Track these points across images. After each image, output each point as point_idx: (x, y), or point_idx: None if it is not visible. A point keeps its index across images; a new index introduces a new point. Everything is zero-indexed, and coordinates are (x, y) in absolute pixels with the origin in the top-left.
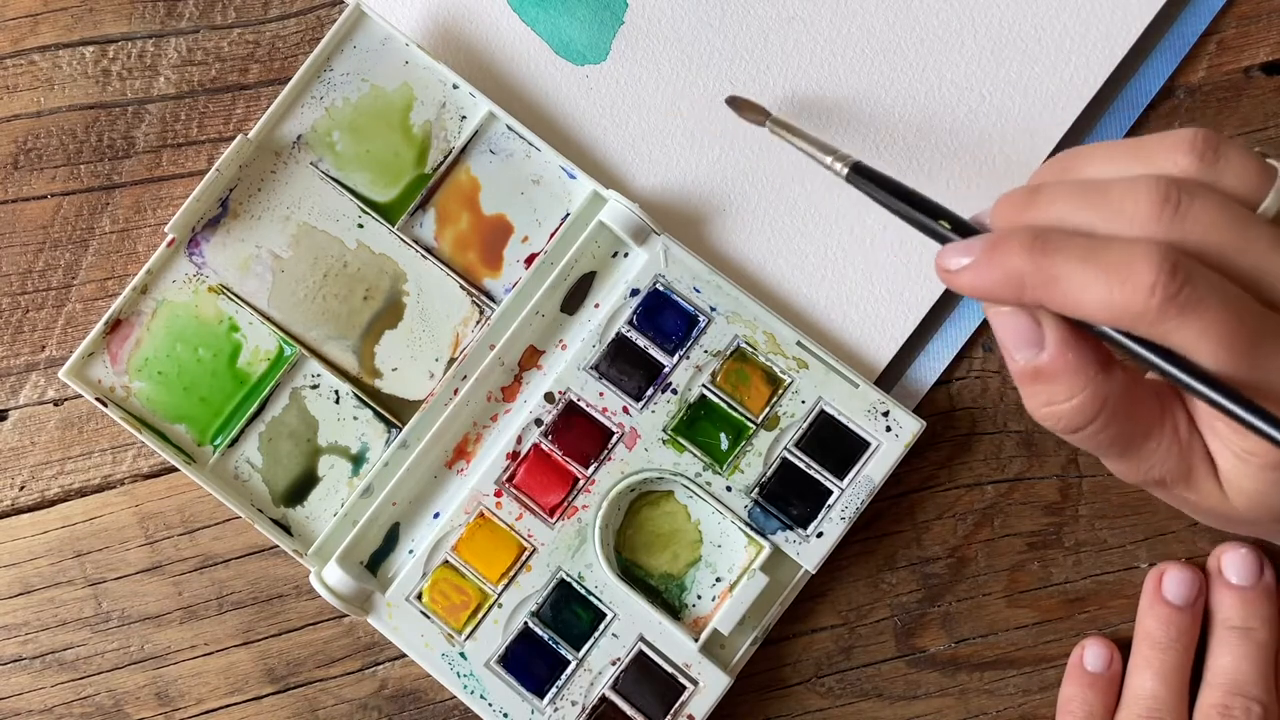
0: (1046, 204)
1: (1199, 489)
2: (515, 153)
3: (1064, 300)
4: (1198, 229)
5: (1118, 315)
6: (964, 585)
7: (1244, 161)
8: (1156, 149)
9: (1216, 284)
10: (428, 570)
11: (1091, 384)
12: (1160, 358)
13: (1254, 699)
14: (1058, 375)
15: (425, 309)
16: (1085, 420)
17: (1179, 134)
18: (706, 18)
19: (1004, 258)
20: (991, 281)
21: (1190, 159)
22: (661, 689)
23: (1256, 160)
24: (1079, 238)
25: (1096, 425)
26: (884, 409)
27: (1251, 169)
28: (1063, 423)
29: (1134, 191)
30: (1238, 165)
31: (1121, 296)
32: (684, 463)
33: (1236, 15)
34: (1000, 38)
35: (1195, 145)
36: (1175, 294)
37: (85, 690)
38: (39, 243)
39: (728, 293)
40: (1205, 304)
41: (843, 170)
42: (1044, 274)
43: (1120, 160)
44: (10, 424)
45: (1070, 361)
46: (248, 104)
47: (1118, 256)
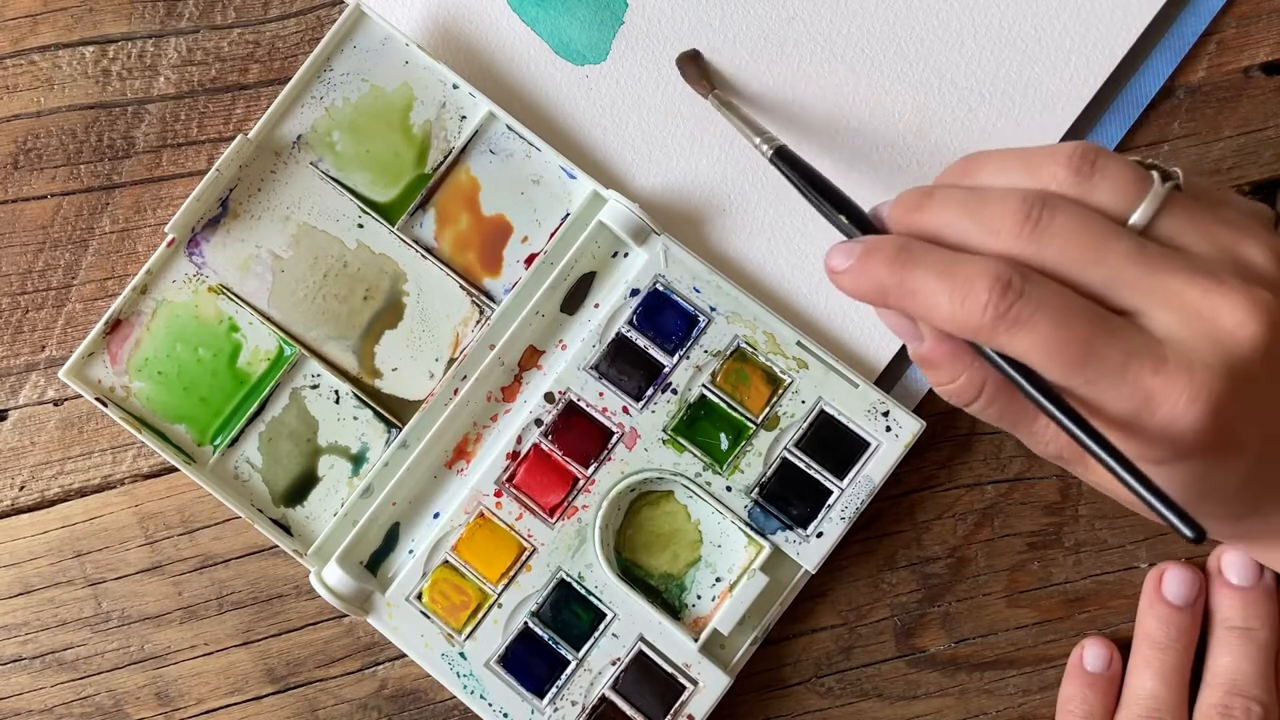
0: (932, 210)
1: (1092, 468)
2: (515, 153)
3: (918, 312)
4: (1054, 244)
5: (960, 328)
6: (964, 585)
7: (1120, 174)
8: (1041, 161)
9: (1051, 298)
10: (428, 570)
11: (968, 370)
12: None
13: (1254, 699)
14: (938, 362)
15: (425, 309)
16: (969, 398)
17: (1062, 147)
18: (706, 18)
19: (871, 268)
20: (862, 288)
21: (1066, 172)
22: (661, 689)
23: (1133, 172)
24: (939, 252)
25: (981, 402)
26: (884, 409)
27: (1126, 181)
28: (951, 399)
29: (1003, 206)
30: (1113, 178)
31: (962, 312)
32: (684, 463)
33: (1236, 15)
34: (1000, 38)
35: (1073, 159)
36: (1005, 311)
37: (85, 690)
38: (39, 243)
39: (728, 293)
40: (1034, 320)
41: (767, 152)
42: (903, 286)
43: (1011, 170)
44: (10, 424)
45: (946, 351)
46: (248, 104)
47: (964, 273)
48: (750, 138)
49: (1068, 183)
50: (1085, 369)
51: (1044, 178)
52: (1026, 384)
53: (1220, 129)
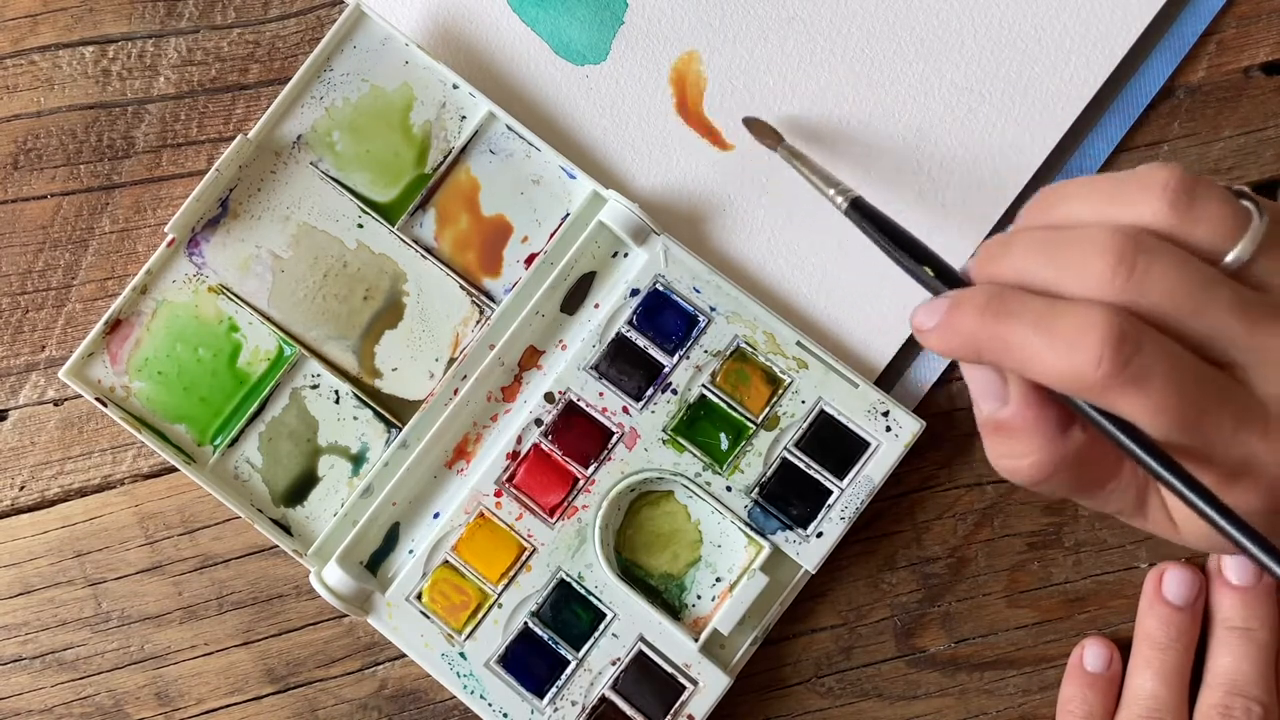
0: (1012, 256)
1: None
2: (515, 153)
3: (1016, 365)
4: (1154, 292)
5: (1066, 383)
6: (964, 585)
7: (1218, 208)
8: (1131, 191)
9: (1164, 354)
10: (428, 570)
11: (1049, 445)
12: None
13: (1254, 699)
14: (1017, 431)
15: (425, 309)
16: (1039, 478)
17: (1155, 176)
18: (706, 18)
19: (961, 322)
20: (953, 345)
21: (1163, 205)
22: (661, 689)
23: (1231, 206)
24: (1034, 301)
25: (1051, 483)
26: (884, 409)
27: (1225, 216)
28: (1018, 477)
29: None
30: (1211, 213)
31: (1069, 366)
32: (684, 463)
33: (1236, 15)
34: (1000, 38)
35: (1168, 190)
36: (1121, 368)
37: (85, 690)
38: (39, 243)
39: (728, 293)
40: (1150, 377)
41: (842, 205)
42: (997, 340)
43: (1095, 201)
44: (10, 424)
45: (1030, 420)
46: (248, 104)
47: (1067, 324)
48: (823, 190)
49: (1164, 217)
50: (1199, 431)
51: (1138, 209)
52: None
53: (1220, 129)
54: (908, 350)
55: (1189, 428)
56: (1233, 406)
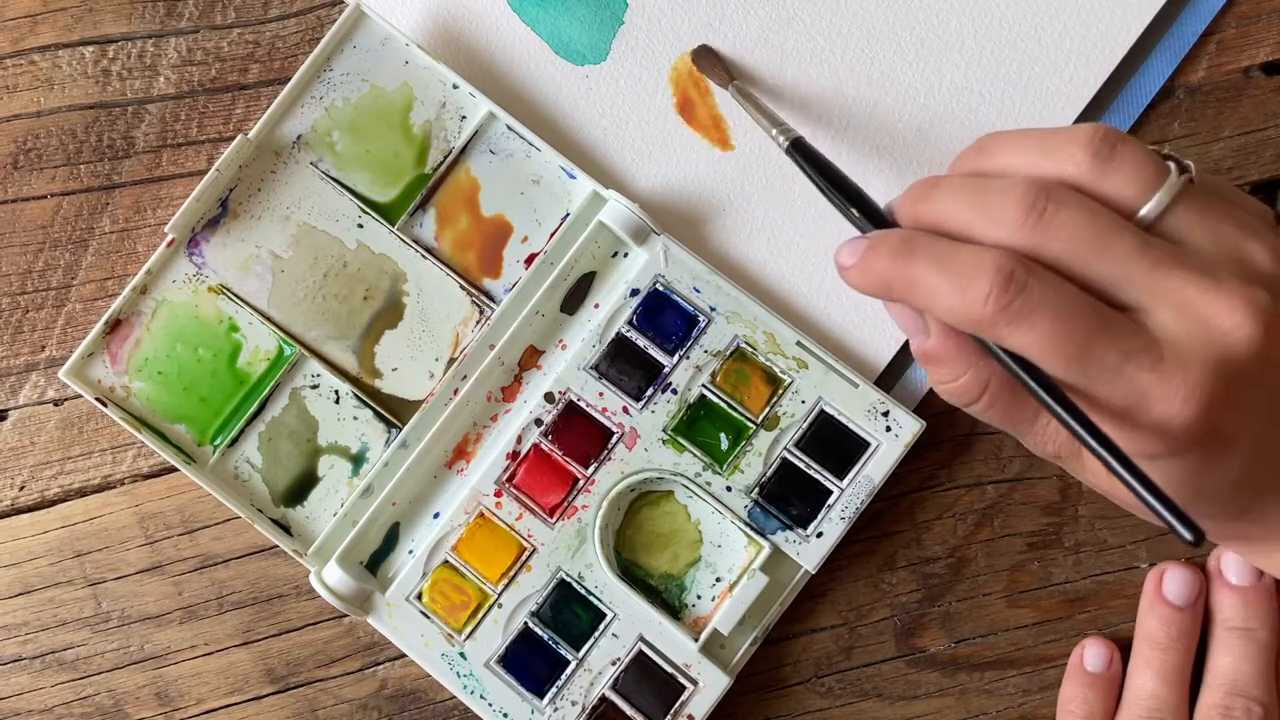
0: (937, 199)
1: (1089, 468)
2: (515, 153)
3: (920, 303)
4: (1060, 236)
5: (960, 320)
6: (964, 585)
7: (1137, 162)
8: (1059, 143)
9: (1053, 293)
10: (428, 570)
11: (973, 368)
12: (1008, 359)
13: (1254, 699)
14: (942, 359)
15: (425, 309)
16: (971, 397)
17: (1081, 129)
18: (706, 18)
19: (874, 262)
20: (867, 282)
21: (1085, 154)
22: (661, 689)
23: (1151, 160)
24: (941, 243)
25: (983, 402)
26: (884, 409)
27: (1144, 171)
28: (953, 399)
29: (1007, 196)
30: (1131, 165)
31: (962, 304)
32: (684, 463)
33: (1236, 15)
34: (1000, 38)
35: (1092, 142)
36: (1007, 304)
37: (85, 690)
38: (39, 243)
39: (728, 293)
40: (1036, 313)
41: (784, 143)
42: (904, 279)
43: (1027, 151)
44: (10, 424)
45: (950, 348)
46: (248, 104)
47: (965, 265)
48: (767, 129)
49: (1085, 166)
50: (1085, 365)
51: (1061, 160)
52: (1027, 378)
53: (1220, 129)
54: (908, 350)
55: (1074, 361)
56: (1122, 342)
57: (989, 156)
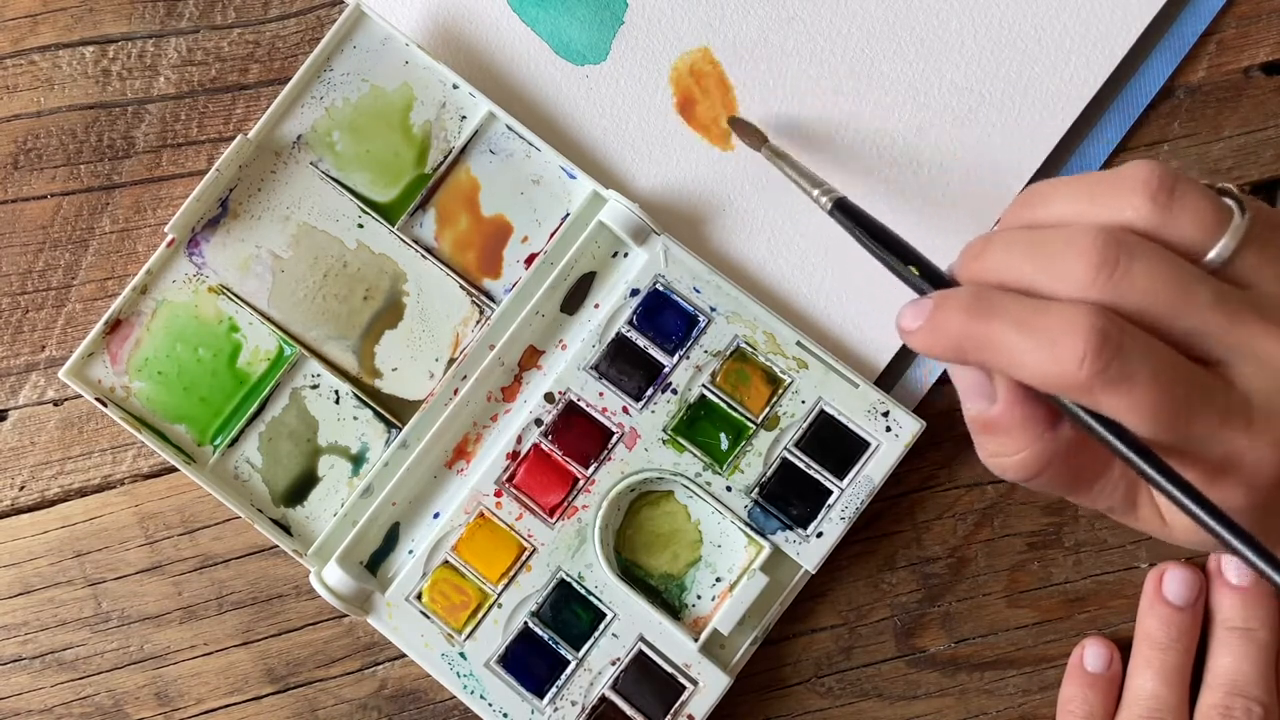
0: (995, 256)
1: (1142, 518)
2: (515, 153)
3: (1000, 365)
4: (1136, 291)
5: (1050, 383)
6: (964, 585)
7: (1199, 206)
8: (1113, 191)
9: (1148, 353)
10: (428, 570)
11: (1038, 442)
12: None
13: (1254, 699)
14: (1006, 429)
15: (425, 309)
16: (1029, 474)
17: (1136, 174)
18: (706, 18)
19: (945, 322)
20: (937, 345)
21: (1144, 202)
22: (661, 689)
23: (1212, 203)
24: (1017, 301)
25: (1041, 480)
26: (884, 409)
27: (1207, 213)
28: (1009, 474)
29: (1074, 249)
30: (1193, 210)
31: (1054, 367)
32: (684, 463)
33: (1236, 15)
34: (1000, 38)
35: (1150, 188)
36: (1104, 368)
37: (85, 690)
38: (39, 243)
39: (728, 293)
40: (1134, 377)
41: (827, 205)
42: (982, 340)
43: (1077, 200)
44: (10, 424)
45: (1018, 417)
46: (248, 104)
47: (1050, 324)
48: (808, 190)
49: (1145, 214)
50: (1184, 429)
51: (1120, 208)
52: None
53: (1220, 129)
54: (908, 350)
55: (1174, 426)
56: (1217, 404)
57: (1039, 207)
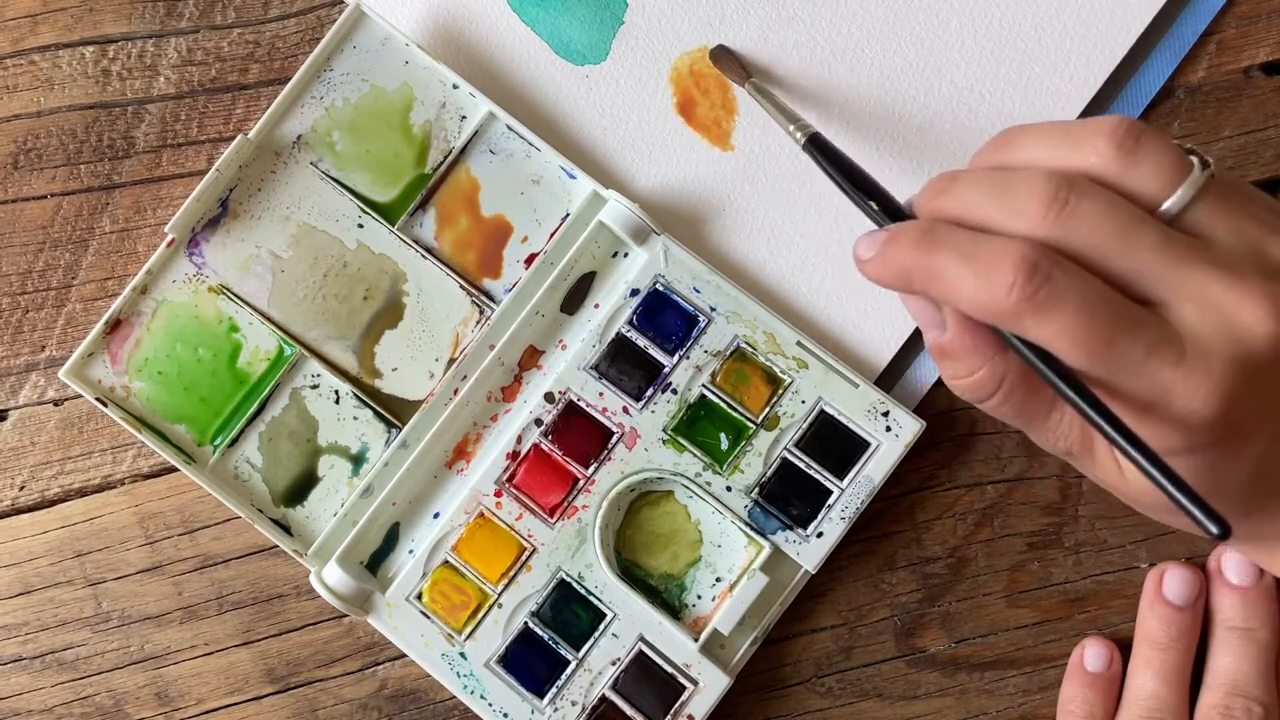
0: (957, 192)
1: (1100, 464)
2: (515, 153)
3: (942, 294)
4: (1082, 229)
5: (983, 311)
6: (964, 585)
7: (1161, 156)
8: (1083, 136)
9: (1078, 284)
10: (428, 570)
11: (989, 363)
12: (1029, 351)
13: (1255, 699)
14: (958, 354)
15: (425, 309)
16: (986, 393)
17: (1105, 121)
18: (706, 18)
19: (895, 253)
20: (886, 274)
21: (1110, 149)
22: (661, 689)
23: (1175, 155)
24: (964, 234)
25: (997, 398)
26: (884, 409)
27: (1167, 164)
28: (966, 394)
29: (1029, 188)
30: (1155, 160)
31: (985, 294)
32: (684, 463)
33: (1236, 15)
34: (1000, 38)
35: (1116, 135)
36: (1032, 294)
37: (85, 690)
38: (39, 243)
39: (728, 293)
40: (1060, 305)
41: (801, 139)
42: (926, 270)
43: (1052, 143)
44: (10, 424)
45: (968, 342)
46: (248, 104)
47: (988, 255)
48: (784, 125)
49: (1109, 158)
50: (1108, 358)
51: (1084, 152)
52: (1048, 370)
53: (1220, 129)
54: (908, 350)
55: (1098, 354)
56: (1145, 336)
57: (1010, 150)
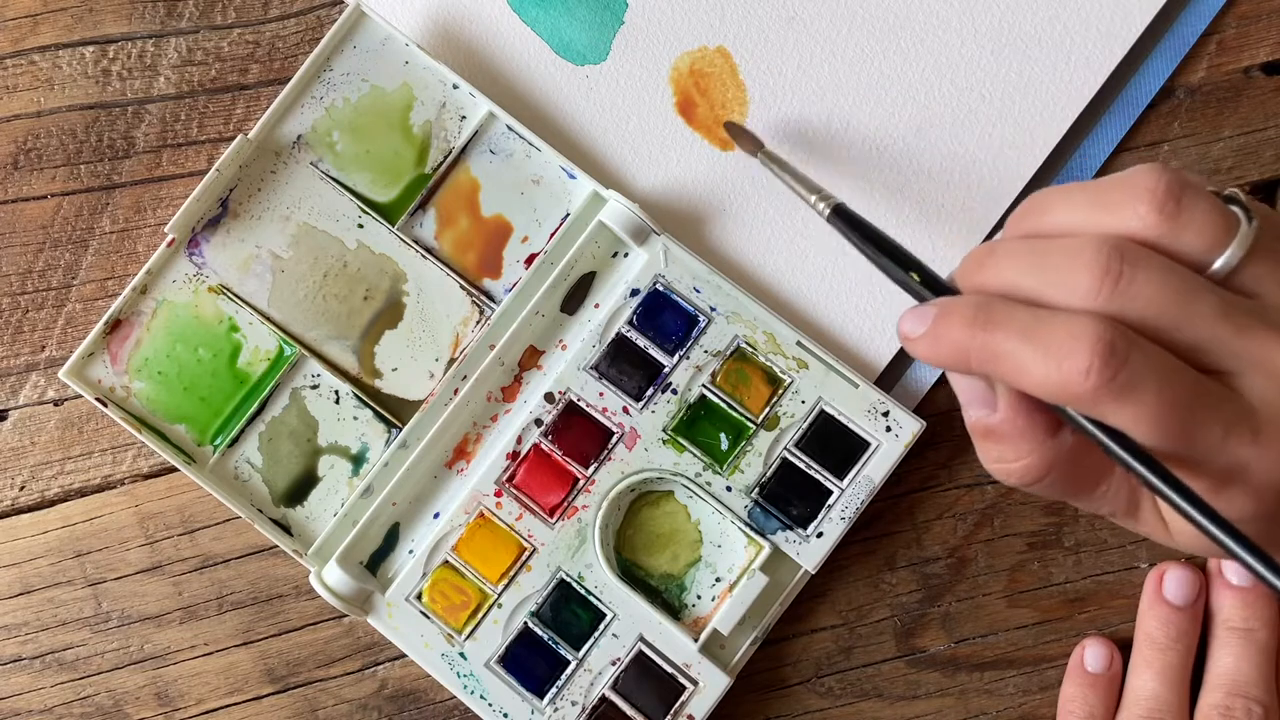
0: (998, 266)
1: (1144, 522)
2: (515, 153)
3: (1005, 376)
4: (1139, 301)
5: (1055, 394)
6: (964, 585)
7: (1206, 214)
8: (1118, 198)
9: (1153, 363)
10: (428, 570)
11: (1039, 449)
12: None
13: (1255, 700)
14: (1007, 437)
15: (425, 309)
16: (1031, 480)
17: (1142, 182)
18: (706, 18)
19: (949, 331)
20: (940, 353)
21: (1150, 211)
22: (661, 689)
23: (1219, 211)
24: (1021, 311)
25: (1043, 485)
26: (884, 409)
27: (1213, 222)
28: (1011, 480)
29: (1078, 260)
30: (1199, 219)
31: (1058, 378)
32: (684, 463)
33: (1236, 15)
34: (1000, 38)
35: (1156, 196)
36: (1110, 379)
37: (85, 690)
38: (39, 243)
39: (728, 293)
40: (1139, 387)
41: (824, 211)
42: (986, 350)
43: (1082, 208)
44: (10, 424)
45: (1019, 426)
46: (248, 104)
47: (1055, 334)
48: (805, 197)
49: (1151, 224)
50: (1190, 440)
51: (1124, 217)
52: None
53: (1220, 129)
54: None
55: (1179, 436)
56: (1223, 414)
57: (1043, 216)
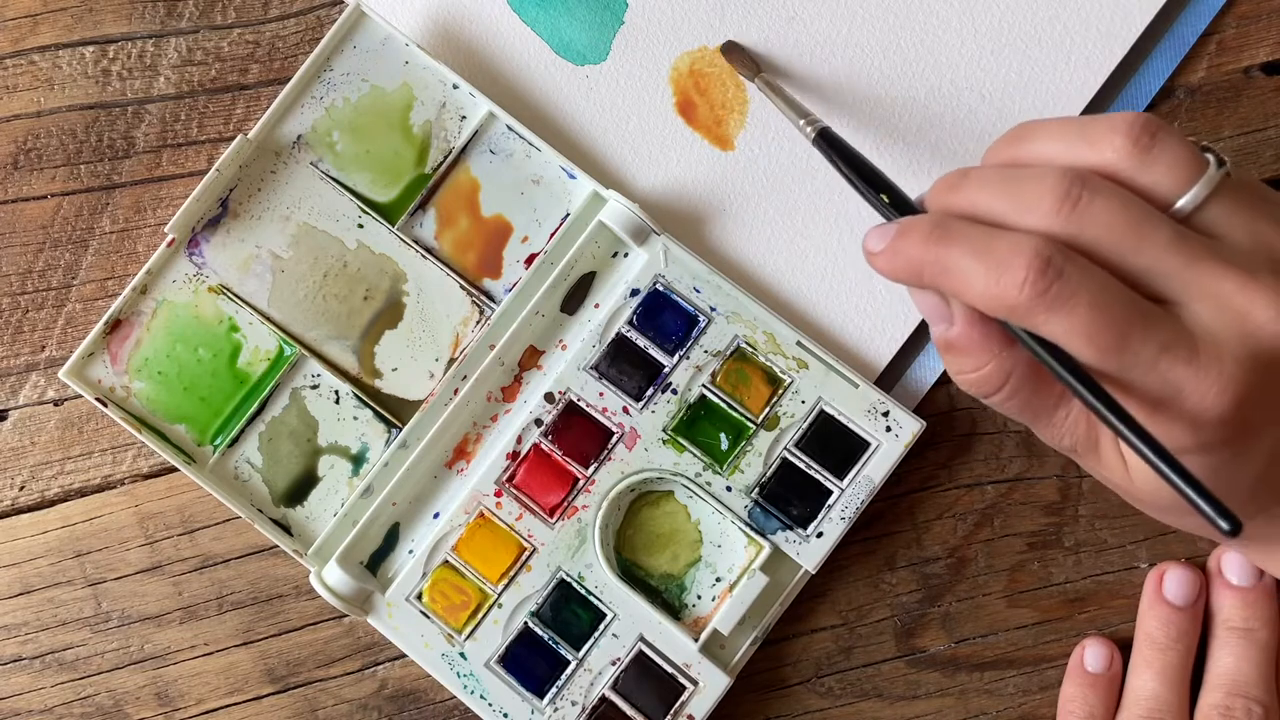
0: (969, 189)
1: (1105, 462)
2: (515, 153)
3: (953, 289)
4: (1094, 226)
5: (995, 306)
6: (964, 585)
7: (1177, 153)
8: (1099, 132)
9: (1089, 280)
10: (428, 570)
11: (996, 358)
12: (1039, 347)
13: (1255, 699)
14: (965, 348)
15: (425, 309)
16: (992, 388)
17: (1122, 117)
18: (706, 18)
19: (905, 246)
20: (896, 267)
21: (1125, 144)
22: (661, 689)
23: (1190, 152)
24: (976, 229)
25: (1003, 394)
26: (884, 409)
27: (1183, 162)
28: (972, 389)
29: (1041, 184)
30: (1170, 157)
31: (997, 289)
32: (684, 463)
33: (1236, 15)
34: (1000, 38)
35: (1133, 131)
36: (1044, 290)
37: (85, 690)
38: (39, 243)
39: (728, 293)
40: (1073, 301)
41: (811, 134)
42: (938, 264)
43: (1066, 138)
44: (10, 424)
45: (976, 337)
46: (248, 104)
47: (1001, 250)
48: (794, 120)
49: (1124, 154)
50: (1121, 355)
51: (1100, 149)
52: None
53: (1220, 129)
54: (908, 350)
55: (1110, 351)
56: (1158, 333)
57: (1024, 145)
